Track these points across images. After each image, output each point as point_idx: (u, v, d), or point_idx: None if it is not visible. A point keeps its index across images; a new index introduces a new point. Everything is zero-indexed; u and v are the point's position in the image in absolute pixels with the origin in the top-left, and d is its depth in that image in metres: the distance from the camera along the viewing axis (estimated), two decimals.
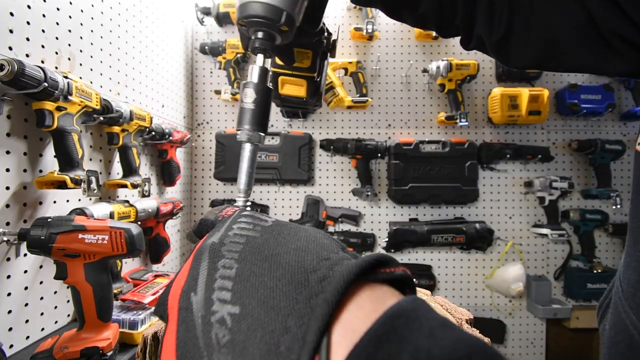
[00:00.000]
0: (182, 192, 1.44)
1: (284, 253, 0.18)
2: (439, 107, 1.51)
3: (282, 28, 0.33)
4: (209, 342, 0.16)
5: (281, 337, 0.14)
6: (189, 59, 1.50)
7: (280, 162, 1.46)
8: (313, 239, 0.20)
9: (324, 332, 0.14)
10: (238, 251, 0.19)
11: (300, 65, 0.47)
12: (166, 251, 1.14)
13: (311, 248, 0.19)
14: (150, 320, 0.74)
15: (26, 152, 0.67)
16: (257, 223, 0.21)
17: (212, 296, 0.17)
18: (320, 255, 0.18)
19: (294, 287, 0.16)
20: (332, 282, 0.15)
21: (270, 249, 0.19)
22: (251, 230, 0.21)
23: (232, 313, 0.16)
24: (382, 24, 1.51)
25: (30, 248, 0.57)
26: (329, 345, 0.14)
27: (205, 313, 0.17)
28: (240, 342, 0.15)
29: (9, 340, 0.63)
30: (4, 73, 0.56)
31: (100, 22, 0.90)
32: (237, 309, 0.16)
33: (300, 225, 0.22)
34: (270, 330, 0.15)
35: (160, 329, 0.28)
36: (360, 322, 0.14)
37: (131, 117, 0.89)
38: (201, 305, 0.17)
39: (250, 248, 0.19)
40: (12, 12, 0.64)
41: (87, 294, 0.59)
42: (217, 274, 0.18)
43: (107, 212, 0.77)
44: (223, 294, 0.17)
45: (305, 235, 0.20)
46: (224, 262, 0.18)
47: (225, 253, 0.19)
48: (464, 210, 1.49)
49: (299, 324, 0.14)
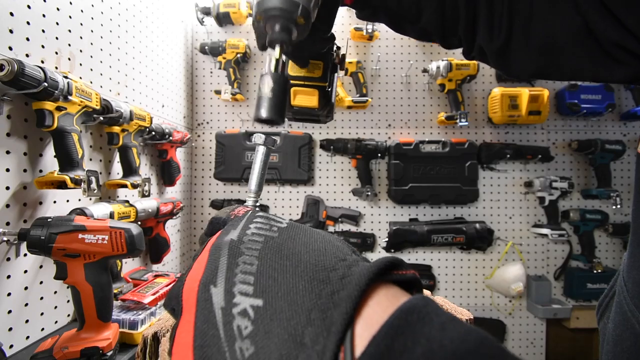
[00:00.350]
0: (182, 192, 1.44)
1: (303, 253, 0.19)
2: (439, 107, 1.51)
3: (298, 20, 0.34)
4: (230, 332, 0.16)
5: (305, 329, 0.15)
6: (189, 59, 1.50)
7: (280, 162, 1.46)
8: (328, 241, 0.21)
9: (348, 325, 0.15)
10: (258, 249, 0.20)
11: (311, 75, 0.48)
12: (166, 251, 1.14)
13: (328, 249, 0.20)
14: (150, 320, 0.74)
15: (26, 152, 0.67)
16: (272, 224, 0.22)
17: (234, 289, 0.18)
18: (337, 256, 0.19)
19: (315, 283, 0.17)
20: (352, 280, 0.17)
21: (290, 249, 0.20)
22: (268, 231, 0.22)
23: (254, 305, 0.17)
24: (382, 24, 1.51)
25: (30, 248, 0.57)
26: (352, 337, 0.15)
27: (226, 305, 0.17)
28: (263, 333, 0.16)
29: (9, 340, 0.63)
30: (4, 73, 0.56)
31: (100, 22, 0.90)
32: (260, 302, 0.17)
33: (312, 228, 0.23)
34: (294, 322, 0.16)
35: (160, 328, 0.28)
36: (378, 317, 0.15)
37: (131, 117, 0.89)
38: (221, 297, 0.18)
39: (269, 247, 0.20)
40: (12, 12, 0.64)
41: (87, 294, 0.59)
42: (237, 269, 0.19)
43: (107, 212, 0.77)
44: (245, 287, 0.18)
45: (321, 237, 0.21)
46: (244, 258, 0.19)
47: (245, 250, 0.20)
48: (464, 210, 1.49)
49: (322, 317, 0.15)
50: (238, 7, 1.39)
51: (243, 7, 1.40)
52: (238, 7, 1.39)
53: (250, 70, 1.53)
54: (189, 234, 1.52)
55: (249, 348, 0.15)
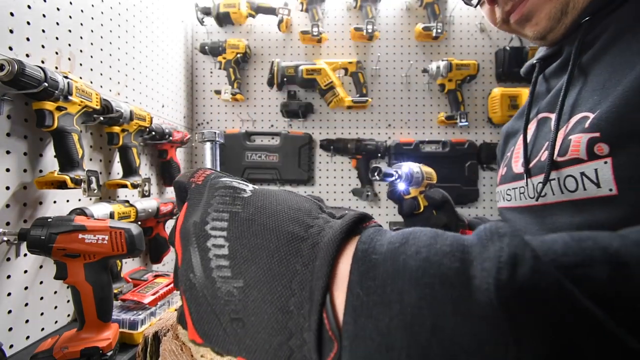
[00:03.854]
0: None
1: (271, 226, 0.20)
2: (439, 107, 1.51)
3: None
4: (223, 312, 0.18)
5: (289, 300, 0.17)
6: (189, 59, 1.50)
7: (280, 162, 1.46)
8: (295, 206, 0.21)
9: (326, 290, 0.17)
10: (225, 228, 0.20)
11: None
12: (166, 251, 1.14)
13: (295, 216, 0.20)
14: (151, 320, 0.74)
15: (26, 152, 0.67)
16: (236, 195, 0.22)
17: (213, 275, 0.19)
18: (305, 223, 0.20)
19: (289, 257, 0.18)
20: (322, 247, 0.18)
21: (257, 224, 0.20)
22: (231, 205, 0.21)
23: (237, 287, 0.18)
24: (382, 24, 1.51)
25: (30, 248, 0.57)
26: (332, 299, 0.17)
27: (211, 291, 0.19)
28: (252, 308, 0.18)
29: (9, 340, 0.63)
30: (4, 73, 0.56)
31: (100, 22, 0.90)
32: (240, 283, 0.18)
33: (277, 191, 0.23)
34: (277, 295, 0.17)
35: (161, 328, 0.28)
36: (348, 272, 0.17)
37: (131, 117, 0.89)
38: (203, 284, 0.19)
39: (236, 225, 0.20)
40: (12, 12, 0.64)
41: (87, 294, 0.59)
42: (210, 254, 0.19)
43: (107, 212, 0.77)
44: (223, 271, 0.19)
45: (286, 203, 0.21)
46: (213, 241, 0.20)
47: (211, 232, 0.20)
48: (464, 210, 1.49)
49: (301, 286, 0.17)
50: (238, 7, 1.39)
51: (243, 7, 1.40)
52: (238, 7, 1.39)
53: (250, 70, 1.53)
54: None
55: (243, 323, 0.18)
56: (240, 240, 0.19)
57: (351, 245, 0.18)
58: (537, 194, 0.39)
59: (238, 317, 0.18)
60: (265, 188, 0.23)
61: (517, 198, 0.45)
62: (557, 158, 0.36)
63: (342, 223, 0.19)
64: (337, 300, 0.16)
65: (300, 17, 1.50)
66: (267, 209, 0.21)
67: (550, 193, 0.37)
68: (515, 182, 0.46)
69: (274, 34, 1.51)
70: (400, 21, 1.51)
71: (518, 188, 0.45)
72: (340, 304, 0.16)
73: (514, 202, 0.46)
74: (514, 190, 0.46)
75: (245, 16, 1.43)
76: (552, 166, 0.36)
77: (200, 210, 0.21)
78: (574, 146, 0.33)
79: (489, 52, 1.49)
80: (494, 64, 1.49)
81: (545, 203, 0.38)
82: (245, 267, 0.18)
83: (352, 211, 0.20)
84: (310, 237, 0.19)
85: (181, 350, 0.25)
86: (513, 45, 1.44)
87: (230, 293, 0.18)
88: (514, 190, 0.46)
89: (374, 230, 0.19)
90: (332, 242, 0.18)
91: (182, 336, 0.25)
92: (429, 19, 1.45)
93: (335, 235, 0.18)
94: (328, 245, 0.18)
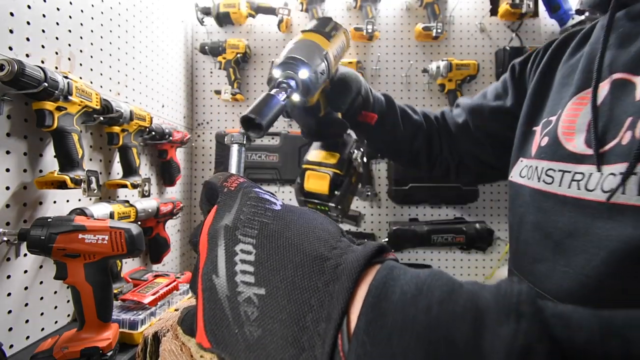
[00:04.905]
0: (182, 192, 1.44)
1: (298, 242, 0.20)
2: (439, 107, 1.51)
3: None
4: (238, 317, 0.18)
5: (306, 315, 0.17)
6: (189, 59, 1.50)
7: (280, 162, 1.46)
8: (320, 227, 0.22)
9: (344, 313, 0.17)
10: (254, 236, 0.21)
11: (327, 161, 0.52)
12: (166, 251, 1.14)
13: (320, 235, 0.21)
14: (150, 320, 0.74)
15: (26, 152, 0.67)
16: (267, 207, 0.23)
17: (236, 278, 0.19)
18: (330, 244, 0.20)
19: (312, 274, 0.18)
20: (345, 269, 0.18)
21: (285, 238, 0.20)
22: (263, 216, 0.22)
23: (258, 294, 0.19)
24: (382, 24, 1.51)
25: (30, 248, 0.57)
26: (348, 322, 0.17)
27: (231, 294, 0.19)
28: (269, 317, 0.18)
29: (9, 340, 0.63)
30: (4, 73, 0.56)
31: (100, 22, 0.90)
32: (262, 291, 0.19)
33: (304, 209, 0.24)
34: (296, 309, 0.17)
35: (160, 328, 0.28)
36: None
37: (131, 117, 0.89)
38: (225, 286, 0.19)
39: (265, 235, 0.21)
40: (12, 12, 0.64)
41: (87, 294, 0.59)
42: (236, 258, 0.20)
43: (107, 212, 0.77)
44: (246, 277, 0.19)
45: (313, 222, 0.22)
46: (241, 246, 0.20)
47: (241, 237, 0.21)
48: (464, 210, 1.49)
49: (320, 304, 0.17)
50: (238, 7, 1.39)
51: (243, 7, 1.40)
52: (238, 7, 1.39)
53: (250, 70, 1.53)
54: (189, 234, 1.52)
55: (257, 330, 0.18)
56: (268, 250, 0.20)
57: (371, 273, 0.19)
58: (613, 189, 0.30)
59: (253, 325, 0.18)
60: (294, 205, 0.24)
61: (567, 185, 0.35)
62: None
63: (365, 250, 0.19)
64: (352, 324, 0.17)
65: (300, 17, 1.50)
66: (295, 224, 0.21)
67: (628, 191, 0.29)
68: (567, 164, 0.36)
69: (274, 34, 1.51)
70: (400, 21, 1.51)
71: (573, 173, 0.35)
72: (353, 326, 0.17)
73: (558, 188, 0.37)
74: (564, 175, 0.36)
75: (245, 16, 1.43)
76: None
77: (232, 215, 0.22)
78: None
79: (489, 52, 1.49)
80: (494, 64, 1.49)
81: (616, 203, 0.30)
82: (270, 277, 0.19)
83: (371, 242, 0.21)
84: (334, 258, 0.19)
85: (181, 351, 0.25)
86: (513, 45, 1.44)
87: (250, 300, 0.19)
88: (562, 174, 0.37)
89: (388, 271, 0.18)
90: (355, 267, 0.18)
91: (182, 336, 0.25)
92: (429, 18, 1.45)
93: (359, 260, 0.19)
94: (351, 269, 0.18)
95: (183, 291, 0.88)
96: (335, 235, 0.22)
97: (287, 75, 0.41)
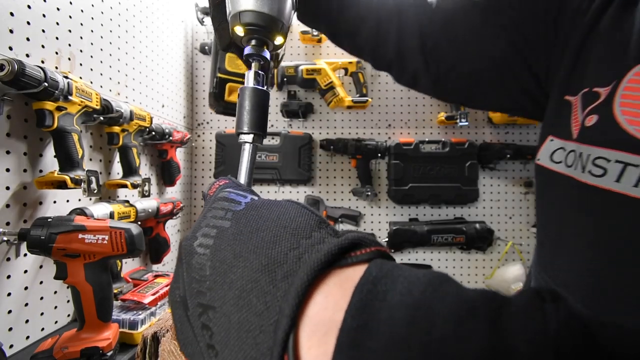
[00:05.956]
0: (182, 192, 1.44)
1: (252, 247, 0.18)
2: (439, 107, 1.51)
3: (277, 36, 0.35)
4: (201, 336, 0.17)
5: (257, 336, 0.15)
6: (189, 59, 1.50)
7: (280, 162, 1.46)
8: (286, 223, 0.19)
9: (289, 332, 0.14)
10: (210, 246, 0.19)
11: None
12: (166, 251, 1.14)
13: (282, 235, 0.18)
14: (150, 320, 0.74)
15: (26, 152, 0.67)
16: (229, 208, 0.21)
17: (192, 294, 0.18)
18: (291, 244, 0.17)
19: (263, 286, 0.16)
20: (296, 278, 0.15)
21: (241, 243, 0.18)
22: (222, 219, 0.20)
23: (212, 315, 0.17)
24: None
25: (30, 248, 0.57)
26: (295, 344, 0.14)
27: (192, 311, 0.18)
28: (224, 339, 0.16)
29: (9, 340, 0.63)
30: (4, 73, 0.56)
31: (100, 22, 0.90)
32: (215, 311, 0.17)
33: (273, 202, 0.21)
34: (247, 329, 0.15)
35: (160, 328, 0.28)
36: (327, 312, 0.14)
37: (131, 117, 0.89)
38: (185, 303, 0.18)
39: (221, 242, 0.19)
40: (12, 12, 0.64)
41: (87, 294, 0.59)
42: (193, 274, 0.18)
43: (107, 212, 0.77)
44: (200, 297, 0.18)
45: (278, 219, 0.19)
46: (197, 259, 0.19)
47: (197, 249, 0.19)
48: (464, 210, 1.49)
49: (269, 322, 0.15)
50: None
51: None
52: None
53: None
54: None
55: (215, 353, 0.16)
56: (221, 262, 0.18)
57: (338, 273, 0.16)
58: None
59: (212, 345, 0.16)
60: (265, 199, 0.22)
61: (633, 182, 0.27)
62: None
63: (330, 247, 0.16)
64: (302, 346, 0.14)
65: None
66: (252, 225, 0.19)
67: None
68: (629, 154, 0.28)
69: None
70: None
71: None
72: (304, 351, 0.14)
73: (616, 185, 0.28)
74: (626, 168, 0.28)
75: None
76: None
77: (196, 224, 0.21)
78: None
79: None
80: None
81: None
82: (221, 294, 0.17)
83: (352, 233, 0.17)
84: (288, 262, 0.16)
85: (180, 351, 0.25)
86: None
87: (208, 318, 0.17)
88: (622, 167, 0.28)
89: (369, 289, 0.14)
90: (307, 272, 0.15)
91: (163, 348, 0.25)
92: None
93: (315, 262, 0.15)
94: (301, 276, 0.15)
95: None
96: (304, 231, 0.18)
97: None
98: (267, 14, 0.33)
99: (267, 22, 0.33)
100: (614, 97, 0.31)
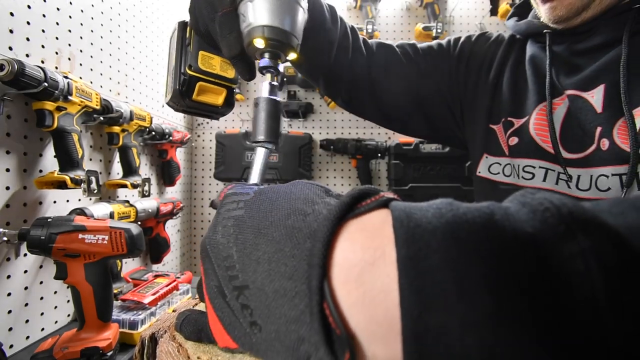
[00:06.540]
0: (182, 192, 1.44)
1: (270, 223, 0.19)
2: None
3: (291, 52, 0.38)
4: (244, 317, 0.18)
5: (293, 299, 0.16)
6: None
7: (281, 162, 1.46)
8: (296, 196, 0.20)
9: (322, 280, 0.15)
10: (230, 234, 0.20)
11: (224, 74, 0.49)
12: (166, 251, 1.14)
13: (295, 206, 0.19)
14: (150, 320, 0.74)
15: (26, 152, 0.67)
16: (240, 199, 0.22)
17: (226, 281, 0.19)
18: (304, 211, 0.18)
19: (290, 254, 0.17)
20: (317, 232, 0.16)
21: (258, 222, 0.19)
22: (235, 210, 0.21)
23: (248, 293, 0.18)
24: (382, 24, 1.51)
25: (30, 248, 0.57)
26: (332, 291, 0.15)
27: (229, 296, 0.19)
28: (264, 313, 0.17)
29: (9, 340, 0.63)
30: (4, 73, 0.56)
31: (100, 22, 0.90)
32: (250, 290, 0.18)
33: (280, 186, 0.22)
34: (282, 297, 0.16)
35: (158, 329, 0.28)
36: (357, 254, 0.15)
37: (131, 117, 0.89)
38: (222, 292, 0.19)
39: (239, 228, 0.20)
40: (12, 12, 0.64)
41: (87, 294, 0.59)
42: (222, 262, 0.20)
43: (107, 212, 0.77)
44: (234, 281, 0.19)
45: (288, 195, 0.20)
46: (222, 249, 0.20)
47: (221, 240, 0.20)
48: None
49: (301, 282, 0.16)
50: None
51: None
52: None
53: None
54: (189, 234, 1.52)
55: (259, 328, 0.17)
56: (244, 244, 0.19)
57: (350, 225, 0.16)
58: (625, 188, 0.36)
59: (254, 321, 0.17)
60: (270, 185, 0.23)
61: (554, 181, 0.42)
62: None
63: (340, 201, 0.17)
64: (337, 292, 0.15)
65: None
66: (265, 206, 0.20)
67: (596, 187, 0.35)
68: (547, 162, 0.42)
69: None
70: (400, 21, 1.51)
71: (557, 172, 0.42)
72: (342, 297, 0.14)
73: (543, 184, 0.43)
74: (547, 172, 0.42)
75: None
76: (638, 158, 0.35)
77: (212, 223, 0.22)
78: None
79: None
80: None
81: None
82: (252, 271, 0.18)
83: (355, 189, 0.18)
84: (305, 226, 0.17)
85: (178, 352, 0.25)
86: None
87: (245, 298, 0.18)
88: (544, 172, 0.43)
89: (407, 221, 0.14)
90: (327, 225, 0.16)
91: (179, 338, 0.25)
92: (429, 18, 1.45)
93: (331, 213, 0.16)
94: (322, 229, 0.16)
95: (183, 291, 0.88)
96: (312, 199, 0.19)
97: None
98: (289, 32, 0.36)
99: (288, 39, 0.36)
100: (529, 124, 0.46)
